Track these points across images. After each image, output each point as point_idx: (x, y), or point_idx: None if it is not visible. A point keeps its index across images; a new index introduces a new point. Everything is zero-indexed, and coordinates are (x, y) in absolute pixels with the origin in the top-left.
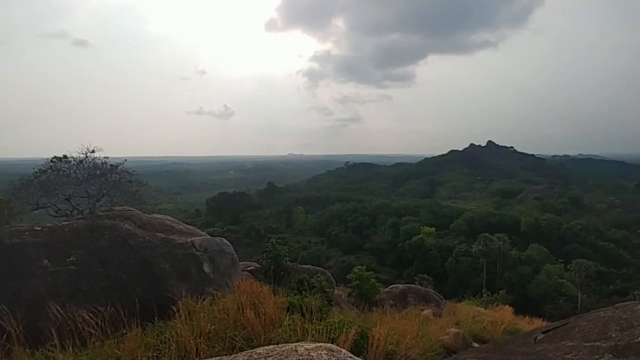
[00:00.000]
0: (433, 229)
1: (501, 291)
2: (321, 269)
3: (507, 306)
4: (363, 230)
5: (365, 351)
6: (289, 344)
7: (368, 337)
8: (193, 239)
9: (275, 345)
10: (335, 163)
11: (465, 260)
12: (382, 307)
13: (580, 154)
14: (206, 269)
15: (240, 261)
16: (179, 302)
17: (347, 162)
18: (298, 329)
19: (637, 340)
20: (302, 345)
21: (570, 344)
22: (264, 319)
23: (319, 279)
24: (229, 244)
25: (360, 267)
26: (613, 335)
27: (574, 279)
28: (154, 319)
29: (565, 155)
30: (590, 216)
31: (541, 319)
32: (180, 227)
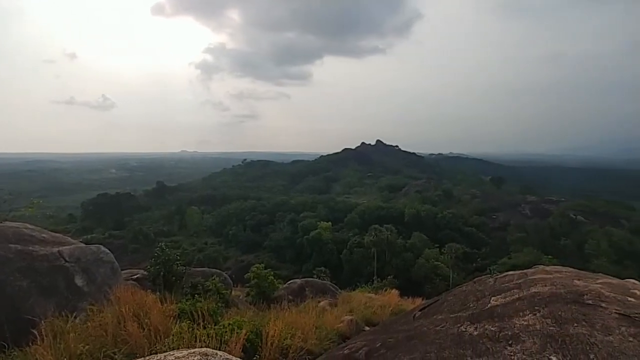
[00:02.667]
0: (329, 223)
1: (389, 277)
2: (217, 270)
3: (394, 290)
4: (262, 228)
5: (260, 348)
6: (158, 355)
7: (262, 334)
8: (61, 248)
9: (143, 358)
10: (232, 160)
11: (359, 251)
12: (281, 304)
13: (451, 153)
14: (79, 281)
15: (125, 269)
16: (42, 323)
17: (245, 159)
18: (186, 337)
19: (487, 307)
20: (173, 354)
21: (440, 317)
22: (150, 330)
23: (214, 281)
24: (107, 251)
25: (258, 265)
26: (471, 306)
27: (447, 260)
28: (7, 347)
29: (439, 154)
30: (458, 206)
31: (422, 298)
32: (43, 235)
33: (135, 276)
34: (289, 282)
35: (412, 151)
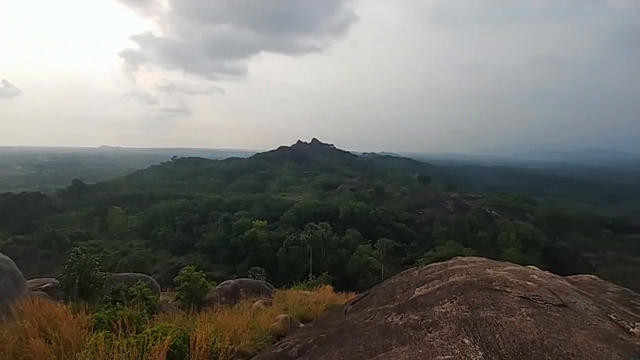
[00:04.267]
0: (265, 222)
1: (324, 273)
2: (143, 274)
3: (328, 286)
4: (194, 228)
5: (187, 354)
6: None
7: (190, 339)
8: None
9: None
10: (161, 157)
11: (295, 249)
12: (213, 306)
13: (382, 152)
14: None
15: (31, 279)
16: None
17: (175, 156)
18: (102, 349)
19: (412, 298)
20: None
21: (370, 309)
22: (59, 344)
23: (139, 286)
24: (8, 259)
25: (189, 267)
26: (398, 297)
27: (379, 255)
28: None
29: (372, 153)
30: (389, 202)
31: (355, 292)
32: None
33: (45, 285)
34: (222, 283)
35: (346, 150)
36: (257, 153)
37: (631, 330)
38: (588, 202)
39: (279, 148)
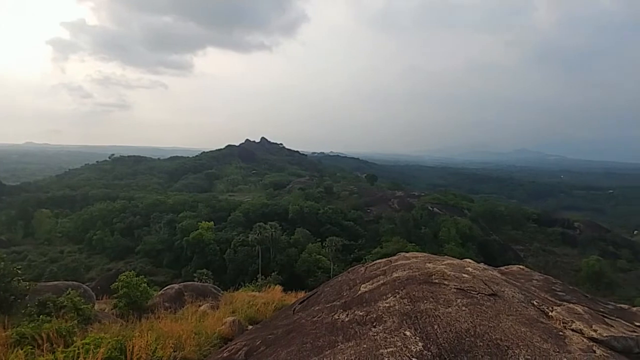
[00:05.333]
0: (211, 223)
1: (273, 273)
2: (75, 283)
3: (277, 286)
4: (134, 231)
5: None
6: None
7: (127, 349)
8: None
9: None
10: (96, 155)
11: (243, 250)
12: (155, 313)
13: (331, 152)
14: None
15: None
16: None
17: (113, 154)
18: None
19: (358, 294)
20: None
21: (317, 308)
22: None
23: (70, 295)
24: None
25: (129, 272)
26: (344, 294)
27: (328, 253)
28: None
29: (321, 153)
30: (338, 201)
31: (304, 291)
32: None
33: None
34: (165, 288)
35: (296, 149)
36: (204, 152)
37: (550, 313)
38: (517, 198)
39: (226, 147)
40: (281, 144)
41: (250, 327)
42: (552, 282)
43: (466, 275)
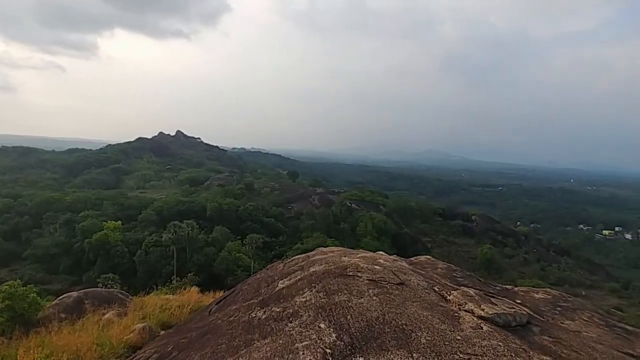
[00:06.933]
0: (119, 222)
1: (190, 274)
2: None
3: (194, 287)
4: (22, 233)
5: None
6: None
7: None
8: None
9: None
10: None
11: (156, 251)
12: (48, 326)
13: (253, 148)
14: None
15: None
16: None
17: None
18: None
19: (275, 291)
20: None
21: (234, 307)
22: None
23: None
24: None
25: (13, 282)
26: (262, 291)
27: (248, 251)
28: None
29: (242, 148)
30: (259, 198)
31: (223, 291)
32: None
33: None
34: (61, 297)
35: (215, 144)
36: (109, 144)
37: (448, 297)
38: (425, 195)
39: (136, 139)
40: (199, 138)
41: (162, 332)
42: (453, 269)
43: (377, 267)
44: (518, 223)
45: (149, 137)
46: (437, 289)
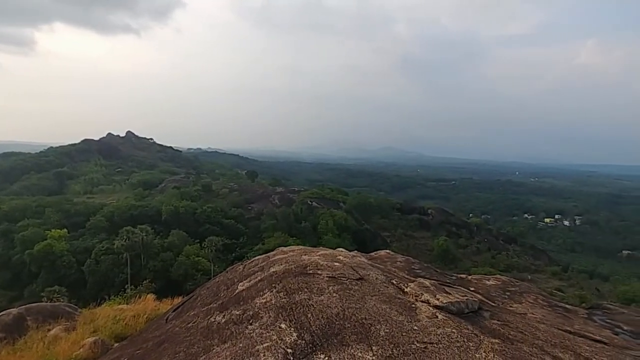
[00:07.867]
0: (65, 231)
1: (145, 281)
2: None
3: (150, 295)
4: None
5: None
6: None
7: None
8: None
9: None
10: None
11: (107, 259)
12: None
13: (209, 148)
14: None
15: None
16: None
17: None
18: None
19: (235, 293)
20: None
21: (193, 313)
22: None
23: None
24: None
25: None
26: (222, 295)
27: (208, 254)
28: None
29: (198, 149)
30: (217, 200)
31: (182, 296)
32: None
33: None
34: None
35: (169, 145)
36: (51, 147)
37: (405, 289)
38: (384, 191)
39: (82, 141)
40: (151, 138)
41: (116, 345)
42: (411, 262)
43: (337, 264)
44: (470, 215)
45: (97, 138)
46: (395, 282)
